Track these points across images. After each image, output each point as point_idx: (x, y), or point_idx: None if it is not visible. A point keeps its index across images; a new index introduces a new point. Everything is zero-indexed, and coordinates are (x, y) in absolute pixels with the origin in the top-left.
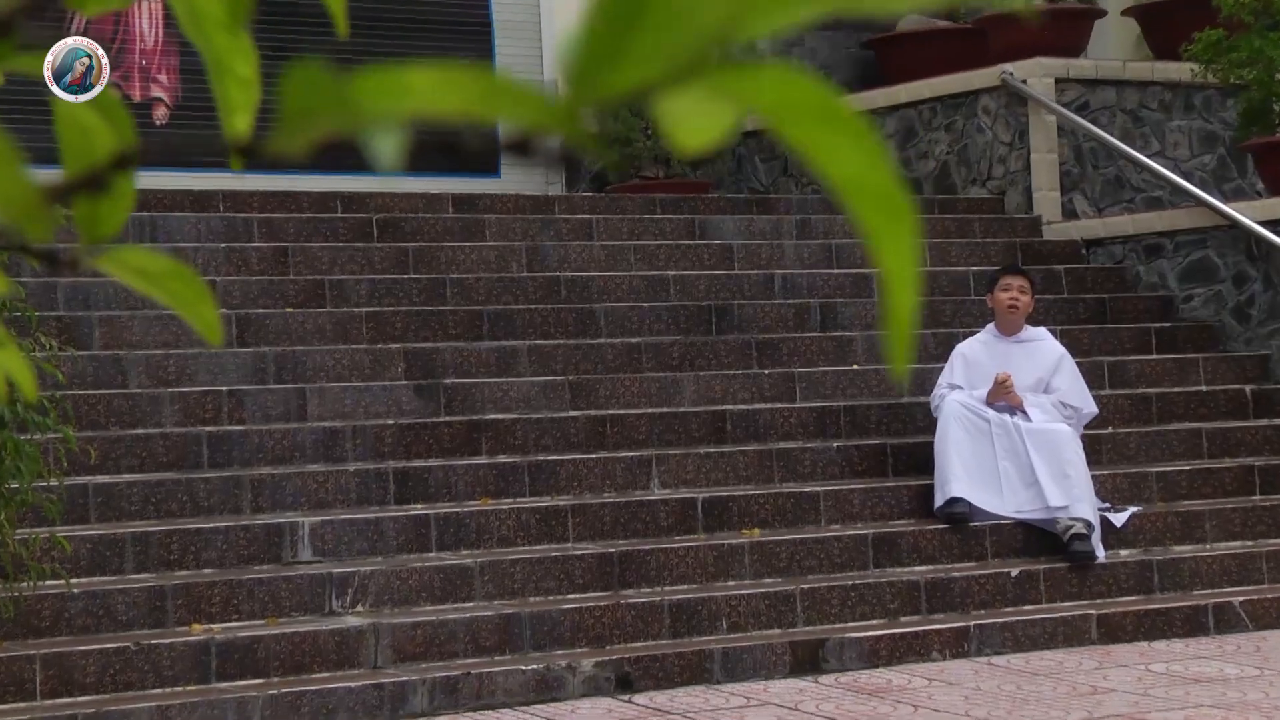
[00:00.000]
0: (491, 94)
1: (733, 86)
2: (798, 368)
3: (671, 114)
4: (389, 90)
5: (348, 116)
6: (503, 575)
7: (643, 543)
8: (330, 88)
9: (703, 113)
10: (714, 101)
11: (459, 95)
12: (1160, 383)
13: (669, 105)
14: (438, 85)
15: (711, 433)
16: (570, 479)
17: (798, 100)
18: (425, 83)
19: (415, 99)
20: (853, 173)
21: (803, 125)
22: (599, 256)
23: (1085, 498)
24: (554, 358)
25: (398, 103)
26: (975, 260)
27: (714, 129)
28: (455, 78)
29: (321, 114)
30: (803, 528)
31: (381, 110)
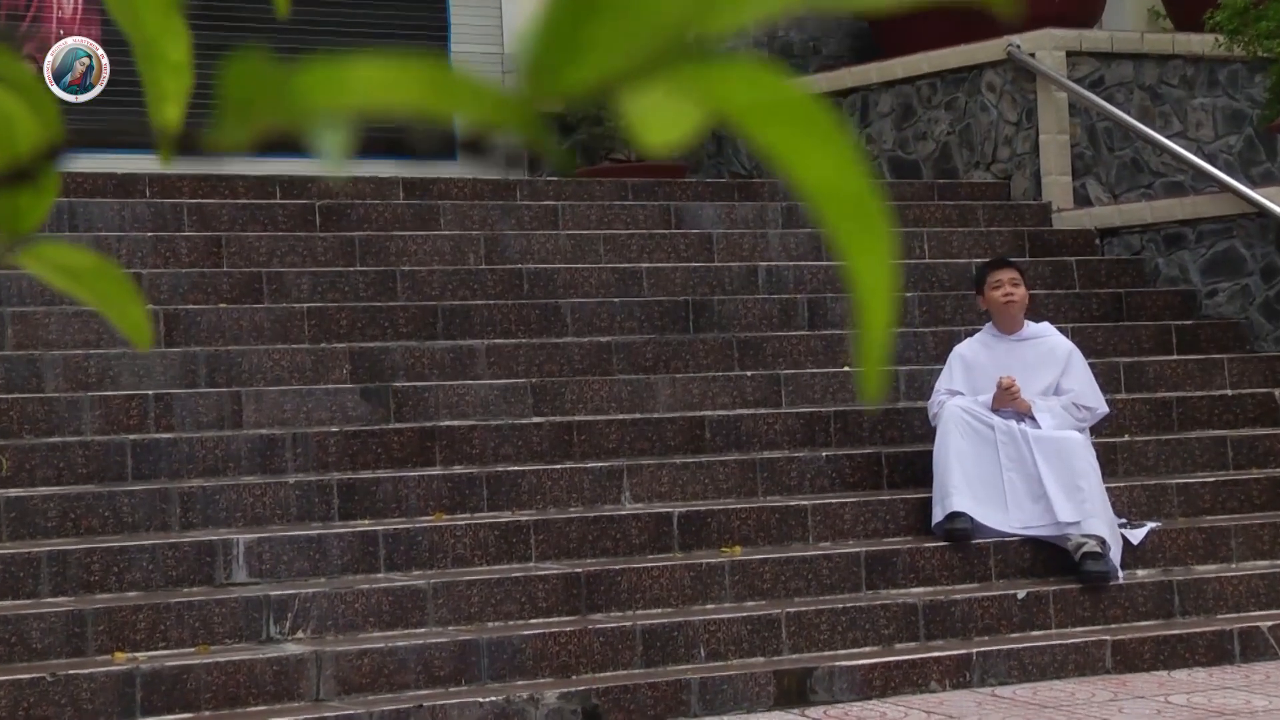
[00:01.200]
0: (440, 88)
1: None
2: (783, 369)
3: (635, 111)
4: (332, 83)
5: (289, 110)
6: (458, 598)
7: (612, 562)
8: (271, 80)
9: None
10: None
11: (406, 89)
12: (1181, 386)
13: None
14: (384, 79)
15: (688, 441)
16: (533, 492)
17: (767, 99)
18: (371, 76)
19: (360, 93)
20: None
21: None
22: (565, 247)
23: (1099, 512)
24: (515, 359)
25: (342, 97)
26: (978, 251)
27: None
28: (402, 71)
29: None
30: (789, 545)
31: (325, 104)
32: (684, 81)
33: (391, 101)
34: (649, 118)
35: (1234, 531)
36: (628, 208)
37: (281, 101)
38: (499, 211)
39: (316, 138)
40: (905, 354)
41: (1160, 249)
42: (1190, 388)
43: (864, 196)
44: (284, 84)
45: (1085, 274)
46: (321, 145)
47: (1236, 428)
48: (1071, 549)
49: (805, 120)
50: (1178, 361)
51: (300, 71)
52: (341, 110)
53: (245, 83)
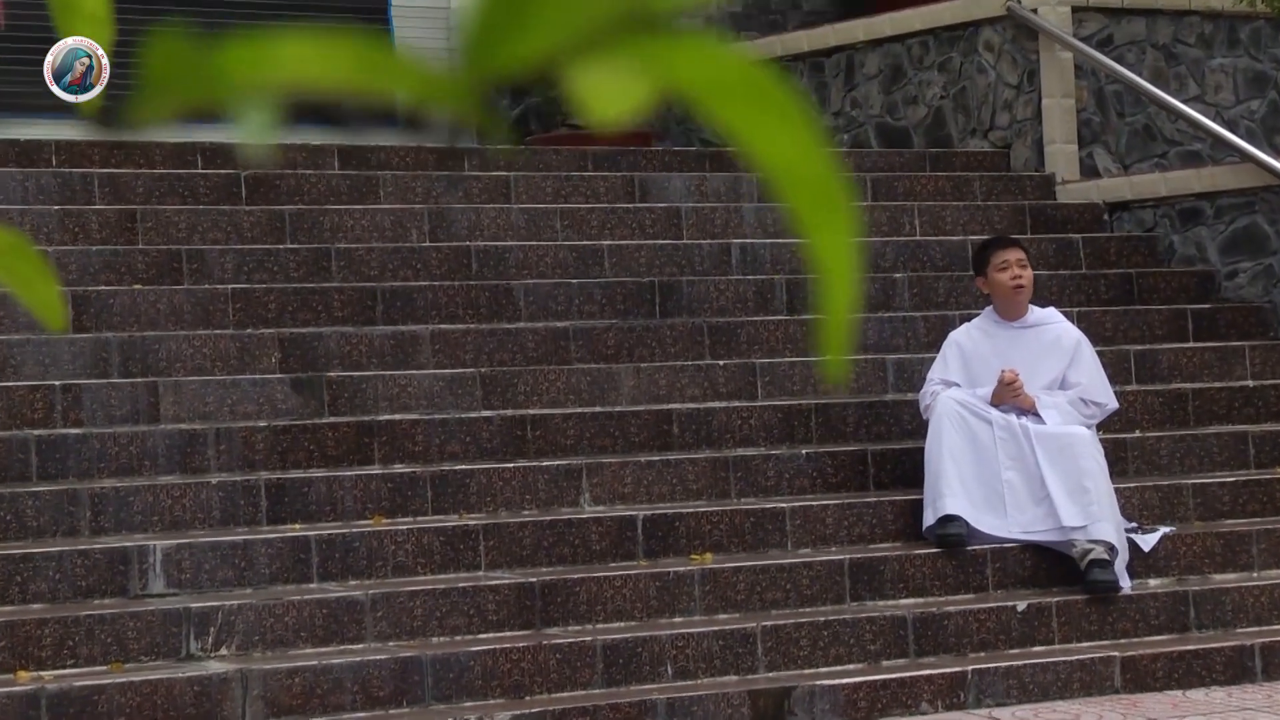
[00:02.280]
0: (371, 65)
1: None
2: (759, 358)
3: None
4: (258, 60)
5: (213, 86)
6: (399, 611)
7: (570, 571)
8: (195, 57)
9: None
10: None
11: (336, 66)
12: (1198, 376)
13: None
14: (312, 56)
15: (654, 437)
16: (482, 493)
17: (721, 76)
18: (298, 53)
19: (287, 69)
20: (782, 156)
21: (727, 103)
22: (517, 223)
23: (1107, 516)
24: (462, 346)
25: (268, 74)
26: (975, 227)
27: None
28: (331, 48)
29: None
30: (765, 552)
31: (250, 82)
32: (632, 56)
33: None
34: (595, 91)
35: (1256, 537)
36: (587, 179)
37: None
38: (444, 183)
39: (241, 115)
40: (894, 341)
41: (1175, 225)
42: (1208, 378)
43: (824, 175)
44: (208, 60)
45: (1092, 253)
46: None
47: (1259, 422)
48: (1076, 556)
49: (761, 97)
50: (1194, 349)
51: (225, 48)
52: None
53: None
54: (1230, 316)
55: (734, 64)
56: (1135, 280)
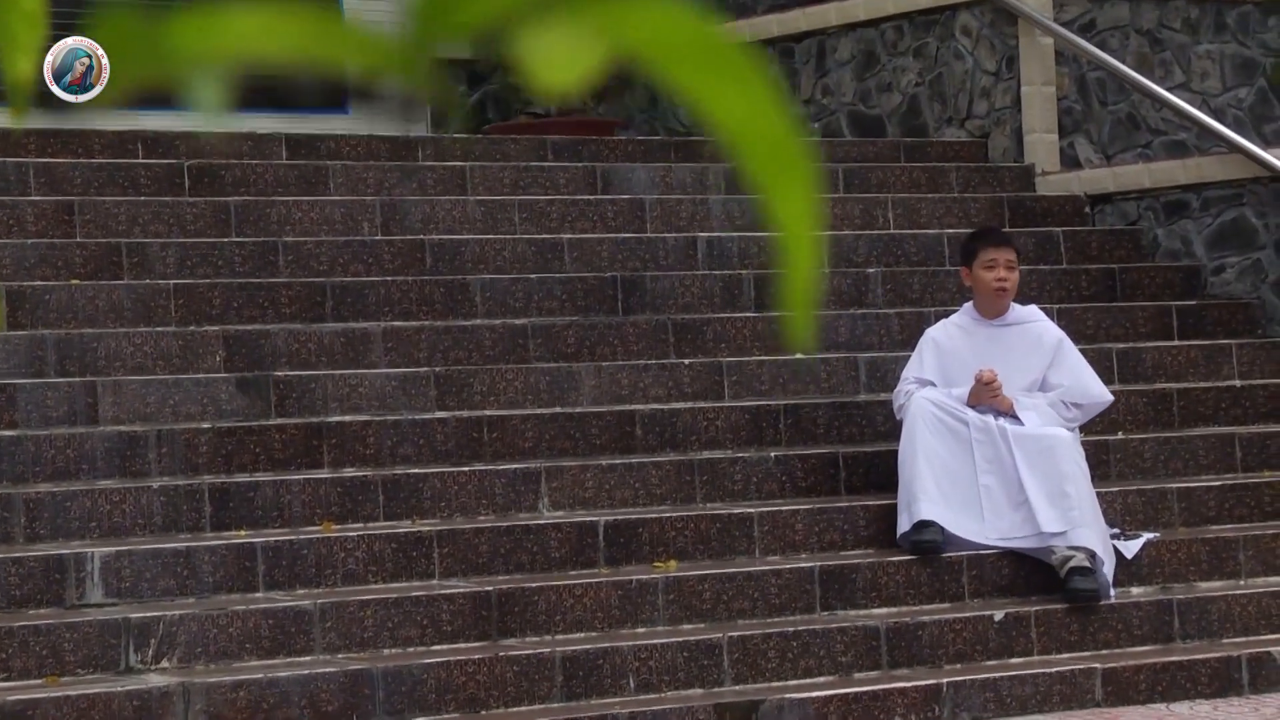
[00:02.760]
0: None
1: (601, 22)
2: (726, 356)
3: (531, 51)
4: (208, 34)
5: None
6: (349, 621)
7: (528, 579)
8: (144, 32)
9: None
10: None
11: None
12: (1183, 376)
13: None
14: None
15: (616, 439)
16: (436, 498)
17: (676, 38)
18: (249, 25)
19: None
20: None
21: (682, 66)
22: (474, 215)
23: (1088, 521)
24: (416, 344)
25: (219, 46)
26: (951, 221)
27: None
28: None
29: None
30: (732, 559)
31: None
32: (585, 19)
33: (271, 51)
34: (546, 57)
35: (1243, 543)
36: (547, 170)
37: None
38: (398, 174)
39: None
40: (867, 339)
41: (1159, 218)
42: (1193, 378)
43: (783, 138)
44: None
45: (1073, 247)
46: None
47: (1246, 424)
48: (1056, 564)
49: (718, 60)
50: (1179, 348)
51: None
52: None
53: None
54: (1217, 313)
55: (687, 23)
56: (1118, 276)
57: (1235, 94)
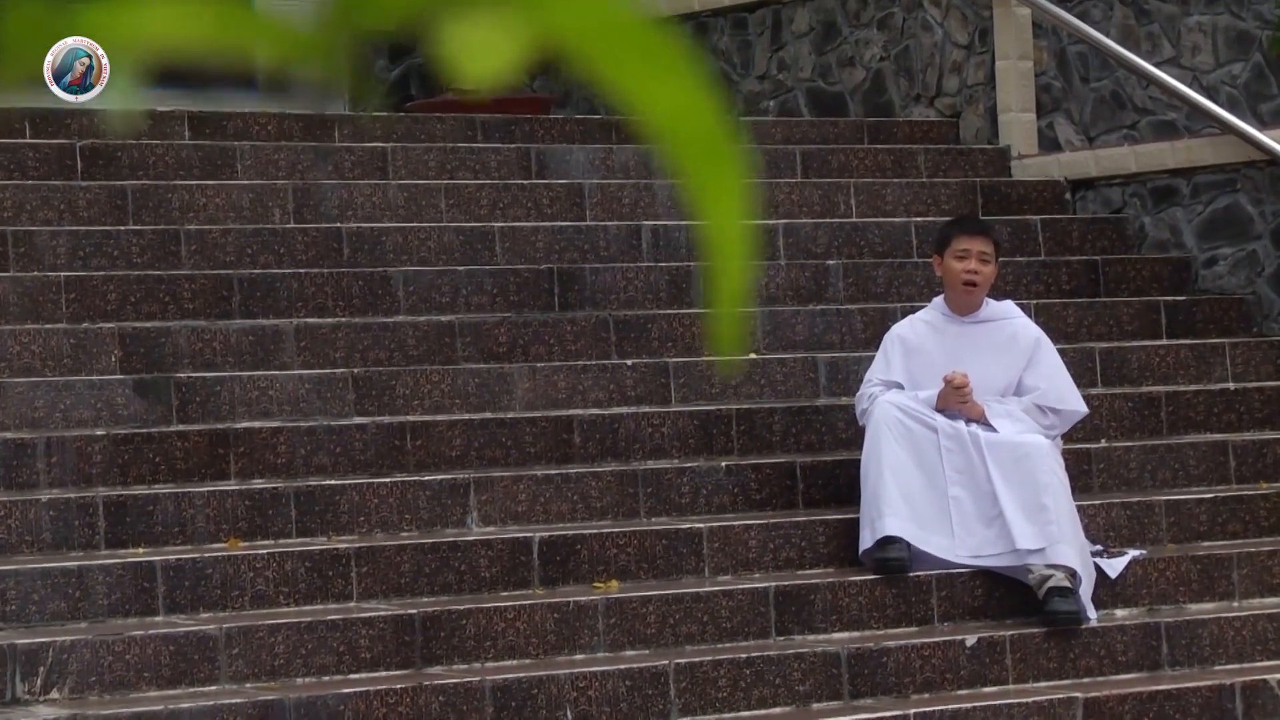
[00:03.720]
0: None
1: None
2: (673, 357)
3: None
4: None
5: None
6: (258, 648)
7: (456, 601)
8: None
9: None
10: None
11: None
12: (1172, 378)
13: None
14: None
15: (552, 447)
16: (354, 512)
17: (603, 27)
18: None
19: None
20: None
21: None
22: (396, 201)
23: (1068, 537)
24: (332, 343)
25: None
26: (919, 208)
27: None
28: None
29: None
30: (679, 579)
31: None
32: (510, 8)
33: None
34: (468, 45)
35: (1236, 561)
36: (477, 151)
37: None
38: (312, 155)
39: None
40: (827, 337)
41: (1146, 205)
42: (1183, 380)
43: (713, 134)
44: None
45: (1052, 237)
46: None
47: (1240, 430)
48: (1034, 584)
49: (647, 51)
50: (1167, 347)
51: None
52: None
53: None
54: (1208, 310)
55: (614, 12)
56: (1101, 268)
57: (1229, 70)
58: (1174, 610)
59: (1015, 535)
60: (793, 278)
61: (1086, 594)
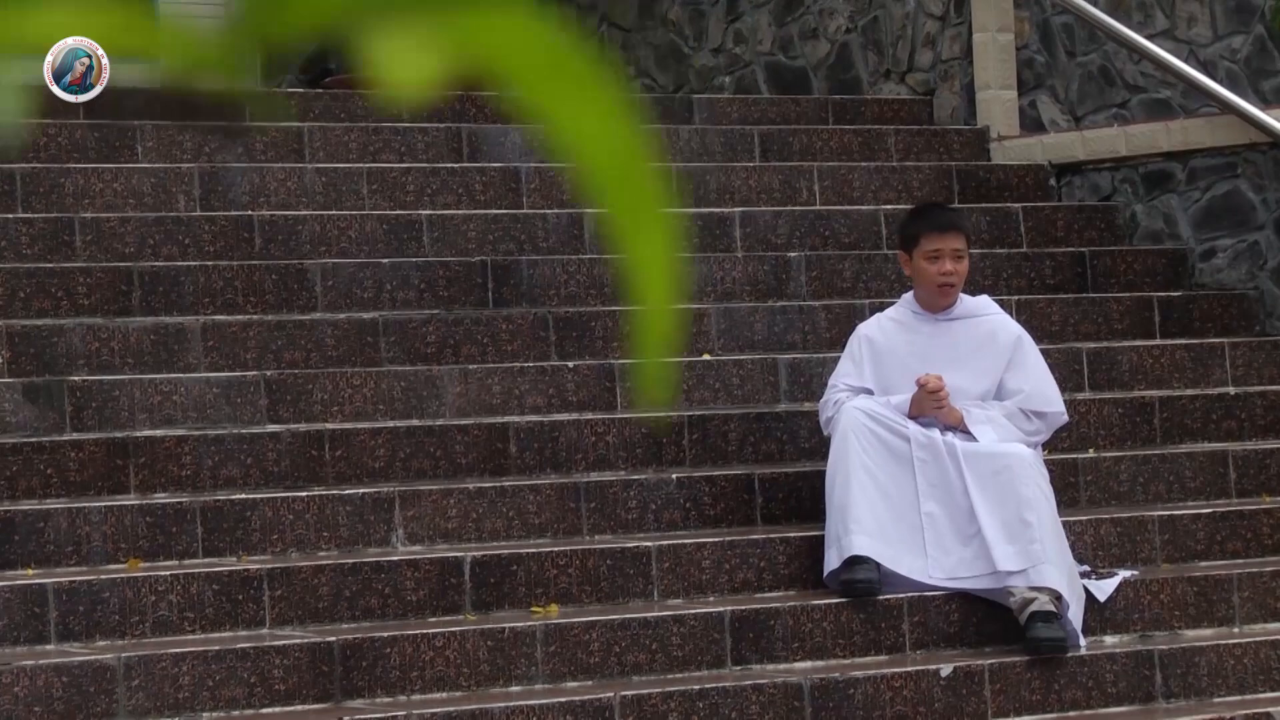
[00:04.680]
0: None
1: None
2: (618, 358)
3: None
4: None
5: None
6: (161, 679)
7: (379, 627)
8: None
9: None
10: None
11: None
12: (1167, 381)
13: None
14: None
15: (486, 458)
16: (267, 530)
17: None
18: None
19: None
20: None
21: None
22: (313, 187)
23: (1053, 557)
24: (243, 343)
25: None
26: (889, 195)
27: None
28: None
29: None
30: (625, 603)
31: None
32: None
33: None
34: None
35: (1237, 583)
36: (402, 132)
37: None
38: (219, 137)
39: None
40: (788, 336)
41: (1138, 192)
42: (1179, 384)
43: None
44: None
45: (1035, 226)
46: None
47: (1241, 439)
48: (1015, 608)
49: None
50: (1161, 348)
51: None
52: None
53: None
54: (1206, 306)
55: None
56: (1089, 261)
57: (1228, 43)
58: (1169, 637)
59: (995, 555)
60: (750, 271)
61: (1074, 619)
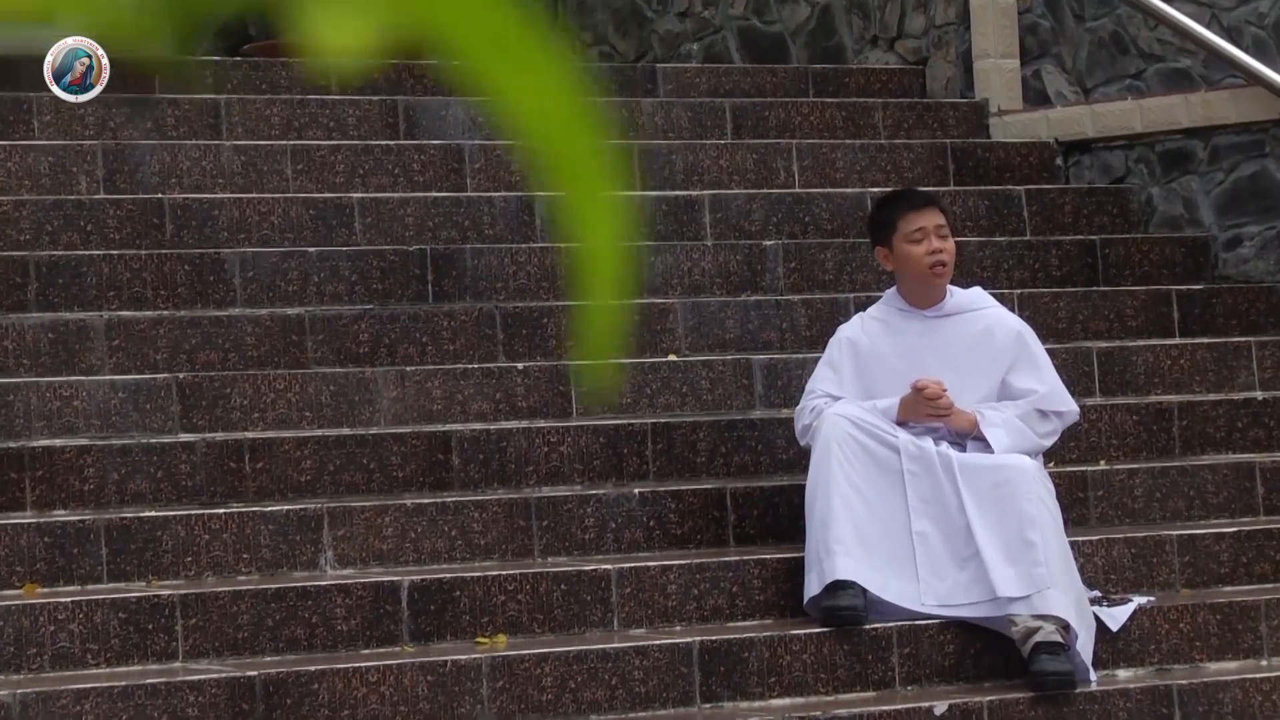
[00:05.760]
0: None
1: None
2: (573, 359)
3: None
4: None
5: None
6: (61, 717)
7: (306, 660)
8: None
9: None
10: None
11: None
12: (1187, 385)
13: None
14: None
15: (425, 471)
16: (181, 551)
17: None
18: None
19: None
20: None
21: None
22: (231, 167)
23: (1059, 581)
24: (152, 342)
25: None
26: (875, 175)
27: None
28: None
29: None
30: (582, 633)
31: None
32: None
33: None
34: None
35: (1265, 610)
36: (331, 105)
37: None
38: (126, 111)
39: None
40: (763, 334)
41: (1155, 173)
42: (1199, 388)
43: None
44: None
45: (1040, 212)
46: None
47: (1270, 450)
48: (1018, 638)
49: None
50: (1181, 348)
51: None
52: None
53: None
54: (1231, 301)
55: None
56: (1100, 250)
57: (1254, 7)
58: (1189, 670)
59: (994, 579)
60: (721, 262)
61: (1083, 651)
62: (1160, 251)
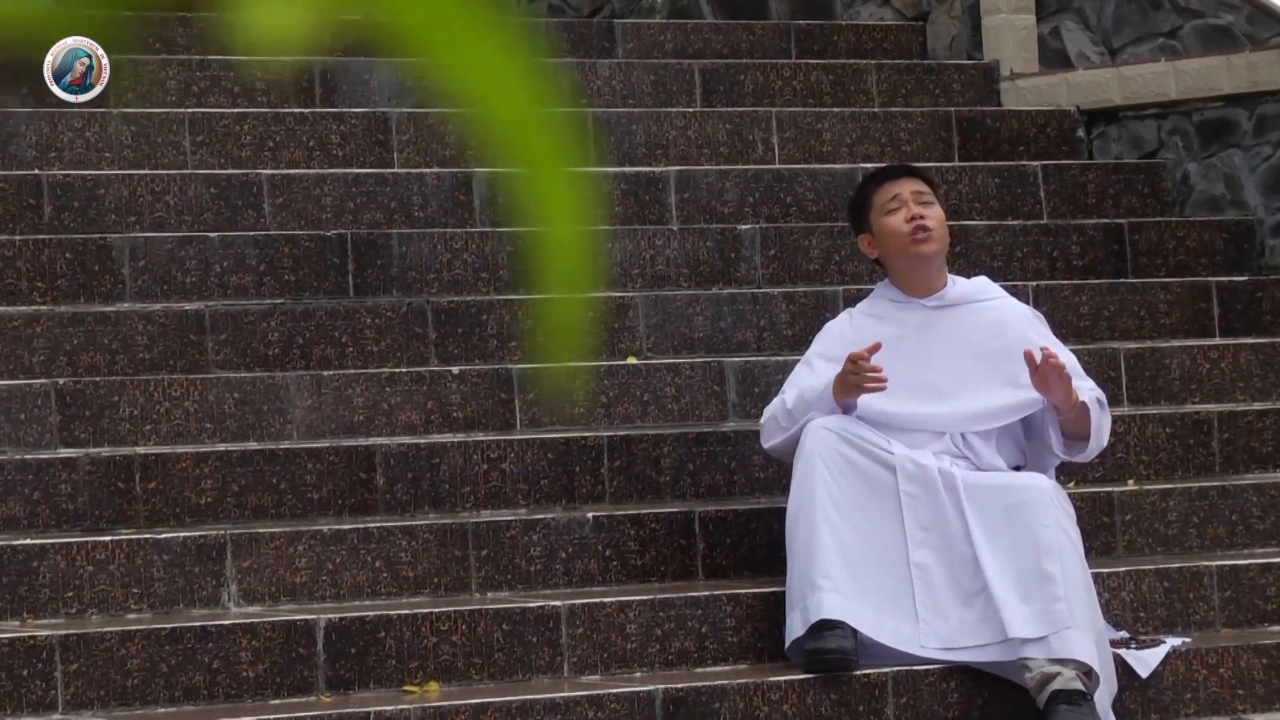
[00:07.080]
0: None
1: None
2: (517, 362)
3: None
4: None
5: None
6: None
7: (206, 712)
8: None
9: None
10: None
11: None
12: (1229, 393)
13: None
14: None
15: (345, 492)
16: (60, 585)
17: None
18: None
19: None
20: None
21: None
22: (119, 140)
23: (1080, 620)
24: (27, 342)
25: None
26: (869, 149)
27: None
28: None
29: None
30: (527, 680)
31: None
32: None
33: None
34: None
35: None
36: (236, 67)
37: None
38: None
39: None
40: (738, 333)
41: (1192, 147)
42: (1242, 396)
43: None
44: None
45: (1059, 191)
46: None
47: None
48: (1032, 686)
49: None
50: (1221, 349)
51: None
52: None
53: None
54: (1278, 295)
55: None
56: (1128, 236)
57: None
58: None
59: (1006, 618)
60: (689, 249)
61: (1106, 700)
62: (1198, 237)
